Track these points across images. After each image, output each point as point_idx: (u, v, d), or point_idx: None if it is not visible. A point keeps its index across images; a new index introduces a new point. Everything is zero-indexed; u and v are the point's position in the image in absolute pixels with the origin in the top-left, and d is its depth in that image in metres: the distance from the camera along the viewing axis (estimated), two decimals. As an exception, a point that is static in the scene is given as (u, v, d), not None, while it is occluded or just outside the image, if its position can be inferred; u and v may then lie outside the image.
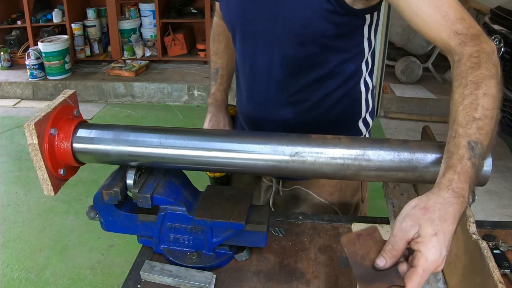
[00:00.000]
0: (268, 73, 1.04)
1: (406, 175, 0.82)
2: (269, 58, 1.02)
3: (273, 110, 1.08)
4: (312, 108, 1.06)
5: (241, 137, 0.86)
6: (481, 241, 0.69)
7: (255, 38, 1.03)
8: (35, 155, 0.82)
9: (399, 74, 4.38)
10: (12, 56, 4.94)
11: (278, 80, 1.04)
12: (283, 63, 1.02)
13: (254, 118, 1.14)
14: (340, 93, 1.06)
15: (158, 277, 0.90)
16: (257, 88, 1.09)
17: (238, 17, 1.04)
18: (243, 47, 1.08)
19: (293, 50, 0.99)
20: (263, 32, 1.00)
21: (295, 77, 1.03)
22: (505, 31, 2.86)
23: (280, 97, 1.06)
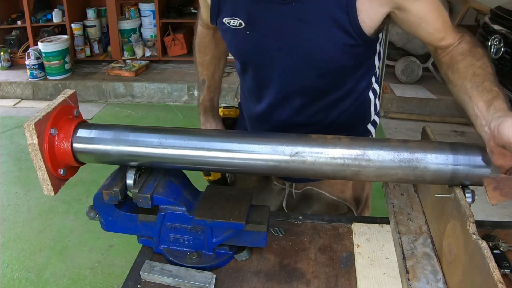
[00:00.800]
0: (286, 100, 1.06)
1: (406, 175, 0.82)
2: (287, 88, 1.03)
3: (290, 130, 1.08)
4: (328, 125, 1.09)
5: (241, 138, 0.86)
6: (481, 241, 0.69)
7: (271, 70, 1.02)
8: (35, 155, 0.82)
9: (399, 74, 4.37)
10: (12, 56, 4.94)
11: (295, 106, 1.06)
12: (301, 92, 1.04)
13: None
14: (353, 108, 1.10)
15: (158, 277, 0.90)
16: (274, 113, 1.10)
17: (250, 50, 1.02)
18: (256, 77, 1.08)
19: (313, 81, 1.01)
20: (280, 65, 1.00)
21: (313, 102, 1.05)
22: (505, 31, 2.86)
23: (297, 119, 1.08)
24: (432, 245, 0.93)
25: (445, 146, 0.82)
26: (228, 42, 1.05)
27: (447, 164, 0.80)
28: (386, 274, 0.92)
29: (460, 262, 0.77)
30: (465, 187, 0.82)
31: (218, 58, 1.27)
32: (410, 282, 0.83)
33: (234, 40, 1.02)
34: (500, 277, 0.63)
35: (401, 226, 0.98)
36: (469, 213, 0.74)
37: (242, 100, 1.24)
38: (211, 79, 1.29)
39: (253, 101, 1.14)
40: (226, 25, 1.00)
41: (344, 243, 1.02)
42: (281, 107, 1.08)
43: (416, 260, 0.88)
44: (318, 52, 0.95)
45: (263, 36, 0.97)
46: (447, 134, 3.81)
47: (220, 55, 1.28)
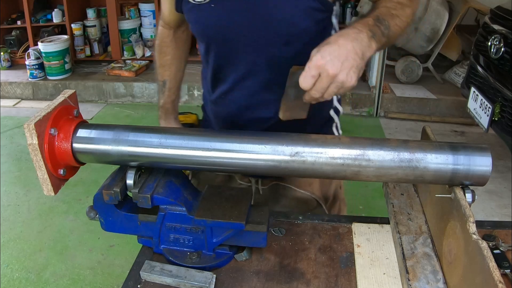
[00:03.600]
0: (253, 75, 1.05)
1: (406, 175, 0.82)
2: (253, 60, 1.03)
3: (256, 110, 1.09)
4: None
5: (241, 137, 0.86)
6: (481, 241, 0.69)
7: (236, 44, 1.02)
8: (35, 155, 0.82)
9: (399, 74, 4.38)
10: (12, 56, 4.94)
11: (263, 81, 1.05)
12: (268, 63, 1.03)
13: (234, 121, 1.14)
14: None
15: (158, 277, 0.90)
16: (240, 91, 1.09)
17: (214, 26, 1.02)
18: (220, 54, 1.07)
19: (278, 50, 1.00)
20: (245, 36, 1.00)
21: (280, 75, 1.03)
22: (505, 31, 2.86)
23: (264, 96, 1.07)
24: (432, 245, 0.93)
25: (445, 146, 0.82)
26: (193, 21, 1.05)
27: (447, 164, 0.80)
28: (386, 274, 0.92)
29: (460, 262, 0.77)
30: (465, 187, 0.82)
31: (179, 59, 1.26)
32: (410, 282, 0.83)
33: (199, 17, 1.03)
34: (500, 277, 0.63)
35: (401, 226, 0.98)
36: (469, 213, 0.74)
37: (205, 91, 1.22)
38: (172, 80, 1.27)
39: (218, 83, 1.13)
40: (190, 3, 1.01)
41: (344, 243, 1.02)
42: (247, 82, 1.06)
43: (416, 260, 0.88)
44: (282, 16, 0.96)
45: (227, 8, 0.98)
46: (447, 134, 3.81)
47: (181, 57, 1.27)
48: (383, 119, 4.15)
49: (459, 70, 4.25)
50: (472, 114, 3.15)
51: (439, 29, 4.05)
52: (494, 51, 2.89)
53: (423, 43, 4.15)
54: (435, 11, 4.00)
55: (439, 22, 4.03)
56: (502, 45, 2.81)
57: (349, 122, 4.10)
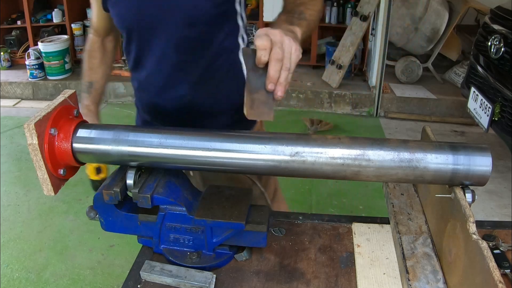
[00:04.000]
0: (166, 57, 1.15)
1: (406, 175, 0.82)
2: (165, 43, 1.13)
3: (172, 89, 1.20)
4: (205, 82, 1.19)
5: (241, 137, 0.86)
6: (481, 241, 0.69)
7: (151, 30, 1.13)
8: (35, 155, 0.82)
9: (399, 74, 4.38)
10: (12, 56, 4.94)
11: (174, 61, 1.15)
12: (177, 45, 1.13)
13: (156, 102, 1.24)
14: (226, 67, 1.19)
15: (158, 277, 0.90)
16: (157, 74, 1.19)
17: (131, 15, 1.13)
18: (140, 42, 1.17)
19: (184, 32, 1.11)
20: (158, 22, 1.11)
21: (188, 55, 1.14)
22: (505, 31, 2.86)
23: (177, 76, 1.18)
24: (432, 245, 0.93)
25: (445, 146, 0.82)
26: (115, 14, 1.16)
27: (447, 164, 0.80)
28: (386, 274, 0.92)
29: (460, 262, 0.77)
30: (465, 187, 0.82)
31: (105, 64, 1.37)
32: (410, 282, 0.83)
33: (119, 10, 1.14)
34: (500, 277, 0.63)
35: (401, 226, 0.98)
36: (469, 213, 0.74)
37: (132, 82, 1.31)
38: (99, 81, 1.35)
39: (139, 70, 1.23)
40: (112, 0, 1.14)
41: (344, 243, 1.02)
42: (162, 65, 1.17)
43: (416, 260, 0.88)
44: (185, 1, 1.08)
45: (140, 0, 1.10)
46: (447, 134, 3.81)
47: (107, 63, 1.37)
48: (383, 119, 4.15)
49: (459, 70, 4.26)
50: (472, 114, 3.15)
51: (439, 29, 4.05)
52: (494, 51, 2.89)
53: (423, 43, 4.15)
54: (435, 11, 4.00)
55: (439, 22, 4.03)
56: (502, 45, 2.81)
57: (349, 122, 4.10)
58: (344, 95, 4.24)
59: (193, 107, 1.21)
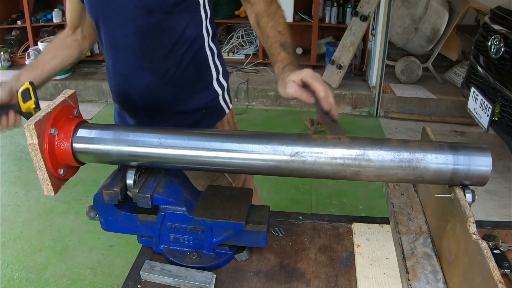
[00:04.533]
0: (127, 45, 1.18)
1: (406, 175, 0.82)
2: (126, 31, 1.16)
3: (135, 76, 1.22)
4: (168, 70, 1.20)
5: (241, 137, 0.86)
6: (481, 241, 0.69)
7: (113, 18, 1.16)
8: (35, 155, 0.82)
9: (399, 74, 4.38)
10: (12, 56, 4.94)
11: (135, 49, 1.18)
12: (137, 33, 1.15)
13: (122, 89, 1.27)
14: (188, 56, 1.21)
15: (158, 277, 0.90)
16: (120, 61, 1.22)
17: (97, 5, 1.17)
18: (105, 30, 1.20)
19: (144, 20, 1.13)
20: (119, 9, 1.14)
21: (148, 43, 1.17)
22: (505, 31, 2.86)
23: (139, 63, 1.20)
24: (432, 245, 0.93)
25: (445, 146, 0.82)
26: (87, 5, 1.20)
27: (447, 164, 0.80)
28: (386, 274, 0.92)
29: (460, 262, 0.77)
30: (465, 187, 0.82)
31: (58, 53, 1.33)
32: (410, 282, 0.83)
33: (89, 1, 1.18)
34: (500, 277, 0.63)
35: (401, 226, 0.98)
36: (469, 213, 0.74)
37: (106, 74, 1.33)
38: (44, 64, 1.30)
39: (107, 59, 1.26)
40: None
41: (344, 243, 1.02)
42: (123, 52, 1.20)
43: (416, 260, 0.88)
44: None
45: None
46: (447, 134, 3.81)
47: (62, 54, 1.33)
48: (383, 119, 4.15)
49: (459, 70, 4.25)
50: (472, 114, 3.15)
51: (439, 29, 4.05)
52: (494, 51, 2.88)
53: (423, 43, 4.15)
54: (435, 11, 4.00)
55: (439, 22, 4.03)
56: (502, 45, 2.81)
57: (349, 122, 4.10)
58: (344, 95, 4.24)
59: (158, 97, 1.23)
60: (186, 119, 1.28)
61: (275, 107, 4.33)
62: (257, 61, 4.78)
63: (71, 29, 1.34)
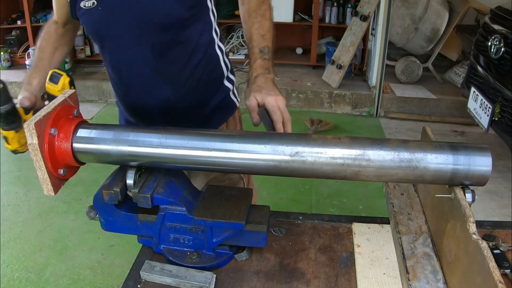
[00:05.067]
0: (142, 62, 1.16)
1: (406, 175, 0.82)
2: (140, 49, 1.13)
3: (154, 91, 1.20)
4: (186, 79, 1.20)
5: (241, 137, 0.86)
6: (481, 241, 0.69)
7: (123, 37, 1.13)
8: (35, 154, 0.82)
9: (399, 74, 4.37)
10: (12, 56, 4.94)
11: (151, 65, 1.16)
12: (152, 50, 1.13)
13: (140, 105, 1.25)
14: (204, 62, 1.22)
15: (158, 277, 0.90)
16: (135, 78, 1.20)
17: (103, 25, 1.13)
18: (113, 49, 1.18)
19: (158, 37, 1.12)
20: (129, 30, 1.11)
21: (165, 58, 1.16)
22: (505, 31, 2.85)
23: (156, 78, 1.18)
24: (432, 245, 0.93)
25: (445, 146, 0.82)
26: (86, 25, 1.15)
27: (447, 164, 0.80)
28: (386, 274, 0.92)
29: (460, 262, 0.77)
30: (465, 187, 0.82)
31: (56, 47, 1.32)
32: (410, 282, 0.83)
33: (90, 20, 1.13)
34: (500, 277, 0.63)
35: (401, 226, 0.98)
36: (469, 213, 0.74)
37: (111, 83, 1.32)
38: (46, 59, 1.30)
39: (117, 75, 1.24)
40: (82, 9, 1.12)
41: (344, 243, 1.02)
42: (139, 69, 1.17)
43: (416, 260, 0.88)
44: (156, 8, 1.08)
45: (112, 8, 1.09)
46: (447, 134, 3.81)
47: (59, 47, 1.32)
48: (383, 119, 4.15)
49: (459, 70, 4.25)
50: (472, 114, 3.15)
51: (439, 29, 4.05)
52: (494, 51, 2.88)
53: (423, 43, 4.15)
54: (435, 11, 4.00)
55: (439, 22, 4.03)
56: (502, 45, 2.81)
57: (349, 122, 4.10)
58: (344, 95, 4.24)
59: (178, 106, 1.22)
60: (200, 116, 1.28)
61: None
62: (257, 61, 4.76)
63: (60, 21, 1.29)
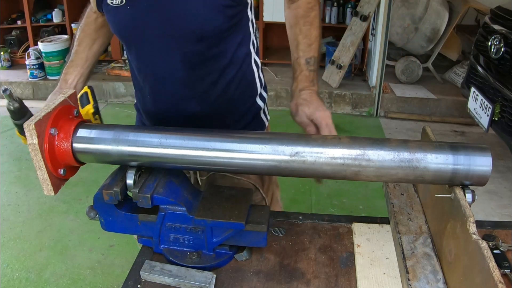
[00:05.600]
0: (171, 73, 1.07)
1: (406, 175, 0.82)
2: (170, 58, 1.05)
3: (181, 106, 1.12)
4: (217, 97, 1.12)
5: (241, 138, 0.86)
6: (481, 241, 0.69)
7: (152, 43, 1.05)
8: (35, 154, 0.82)
9: (399, 74, 4.38)
10: (12, 56, 4.94)
11: (181, 78, 1.08)
12: (184, 60, 1.05)
13: (163, 117, 1.17)
14: (238, 77, 1.13)
15: (158, 277, 0.90)
16: (162, 89, 1.12)
17: (130, 27, 1.05)
18: (140, 54, 1.10)
19: (192, 47, 1.03)
20: (160, 36, 1.02)
21: (197, 71, 1.07)
22: (505, 31, 2.86)
23: (185, 93, 1.10)
24: (432, 245, 0.93)
25: (445, 146, 0.82)
26: (112, 23, 1.08)
27: (447, 164, 0.80)
28: (386, 274, 0.92)
29: (460, 262, 0.77)
30: (465, 187, 0.82)
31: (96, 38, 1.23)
32: (410, 282, 0.83)
33: (117, 18, 1.05)
34: (500, 277, 0.63)
35: (401, 226, 0.98)
36: (469, 213, 0.74)
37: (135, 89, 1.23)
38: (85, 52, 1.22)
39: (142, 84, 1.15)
40: (109, 6, 1.04)
41: (344, 243, 1.02)
42: (167, 80, 1.09)
43: (416, 260, 0.88)
44: (194, 14, 0.99)
45: (142, 9, 1.01)
46: (447, 134, 3.81)
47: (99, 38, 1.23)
48: (383, 119, 4.15)
49: (459, 70, 4.25)
50: (472, 114, 3.15)
51: (439, 29, 4.05)
52: (494, 51, 2.88)
53: (423, 43, 4.15)
54: (435, 11, 4.00)
55: (439, 22, 4.03)
56: (502, 45, 2.81)
57: (349, 122, 4.10)
58: (344, 95, 4.24)
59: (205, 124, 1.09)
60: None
61: (275, 107, 4.33)
62: (257, 61, 4.77)
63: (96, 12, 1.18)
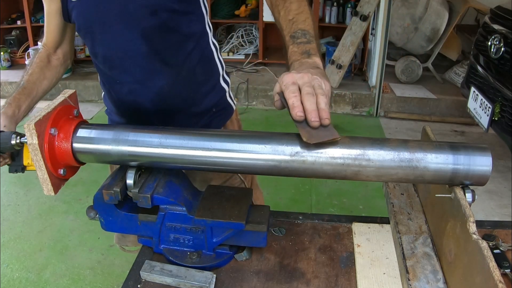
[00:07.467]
0: (135, 50, 1.14)
1: (406, 174, 0.82)
2: (131, 36, 1.13)
3: (148, 82, 1.19)
4: (180, 69, 1.19)
5: (241, 137, 0.86)
6: (481, 241, 0.69)
7: (114, 26, 1.13)
8: (35, 154, 0.82)
9: (399, 74, 4.38)
10: (12, 56, 4.94)
11: (144, 53, 1.15)
12: (144, 36, 1.12)
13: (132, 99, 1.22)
14: (197, 53, 1.21)
15: (158, 277, 0.90)
16: (128, 68, 1.18)
17: (92, 13, 1.13)
18: (104, 39, 1.16)
19: (148, 21, 1.11)
20: (119, 15, 1.11)
21: (157, 45, 1.15)
22: (505, 31, 2.86)
23: (151, 68, 1.17)
24: (432, 245, 0.93)
25: (445, 146, 0.82)
26: (77, 16, 1.15)
27: (447, 164, 0.80)
28: (386, 274, 0.92)
29: (460, 262, 0.77)
30: (465, 187, 0.82)
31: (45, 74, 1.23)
32: (410, 282, 0.83)
33: (80, 11, 1.14)
34: (500, 277, 0.63)
35: (401, 225, 0.98)
36: (469, 213, 0.74)
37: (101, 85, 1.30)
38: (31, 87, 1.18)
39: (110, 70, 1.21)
40: (72, 3, 1.14)
41: (344, 242, 1.02)
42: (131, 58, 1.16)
43: (416, 260, 0.88)
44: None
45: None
46: (447, 134, 3.81)
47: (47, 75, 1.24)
48: (383, 119, 4.15)
49: (459, 70, 4.26)
50: (472, 114, 3.15)
51: (439, 29, 4.05)
52: (494, 51, 2.88)
53: (423, 43, 4.15)
54: (435, 11, 4.00)
55: (439, 22, 4.03)
56: (502, 45, 2.81)
57: (349, 122, 4.10)
58: (344, 95, 4.24)
59: (172, 100, 1.21)
60: (198, 122, 1.27)
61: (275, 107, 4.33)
62: (257, 61, 4.78)
63: (52, 48, 1.26)
